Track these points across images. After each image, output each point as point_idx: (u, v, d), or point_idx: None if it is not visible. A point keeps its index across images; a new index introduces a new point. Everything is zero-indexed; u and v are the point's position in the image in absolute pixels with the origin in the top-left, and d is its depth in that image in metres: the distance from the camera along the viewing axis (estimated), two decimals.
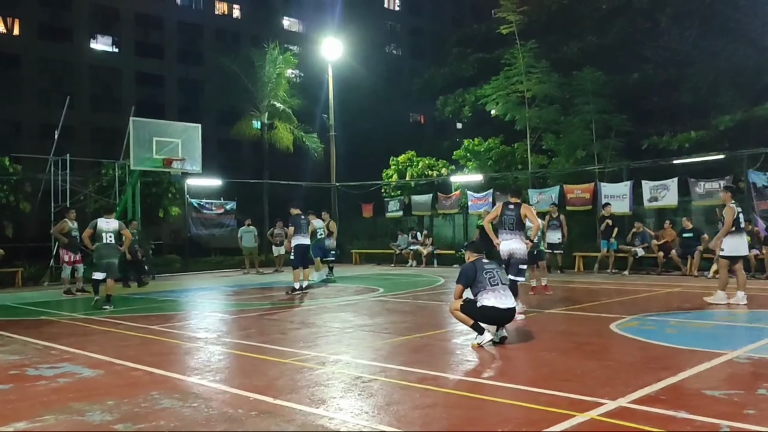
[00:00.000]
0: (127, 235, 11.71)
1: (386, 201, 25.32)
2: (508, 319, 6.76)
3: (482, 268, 6.78)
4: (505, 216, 8.75)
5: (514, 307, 6.78)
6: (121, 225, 11.68)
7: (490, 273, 6.77)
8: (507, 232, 8.72)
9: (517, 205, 8.79)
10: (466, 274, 6.84)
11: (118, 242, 11.39)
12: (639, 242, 16.67)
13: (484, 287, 6.66)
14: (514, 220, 8.67)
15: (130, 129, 16.45)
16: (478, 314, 6.65)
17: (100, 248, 11.22)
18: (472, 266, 6.85)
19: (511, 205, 8.79)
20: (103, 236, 11.20)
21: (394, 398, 4.77)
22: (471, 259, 7.02)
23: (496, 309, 6.59)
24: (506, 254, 8.69)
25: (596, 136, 21.76)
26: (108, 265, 11.24)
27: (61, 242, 14.16)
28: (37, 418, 4.42)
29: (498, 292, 6.64)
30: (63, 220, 14.25)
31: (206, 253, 25.23)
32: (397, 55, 60.51)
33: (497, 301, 6.60)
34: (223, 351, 6.99)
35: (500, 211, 8.84)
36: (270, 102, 28.82)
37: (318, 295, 12.64)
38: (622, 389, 4.76)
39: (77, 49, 44.24)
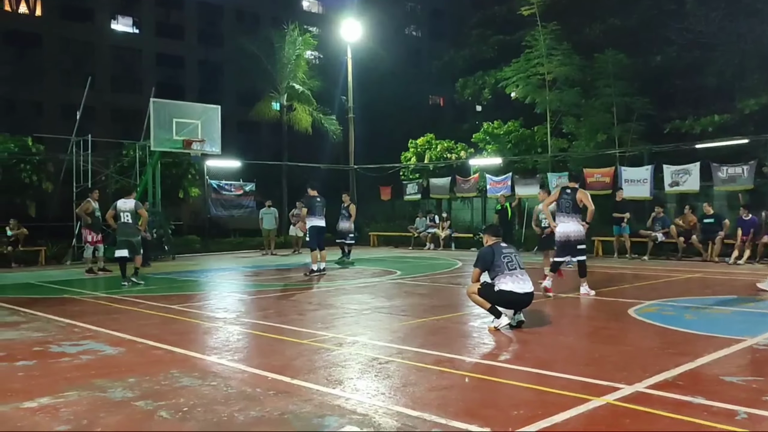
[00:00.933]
0: (142, 214, 11.92)
1: (404, 184, 25.29)
2: (525, 303, 6.75)
3: (500, 252, 6.77)
4: (562, 200, 9.18)
5: (532, 291, 6.76)
6: (138, 205, 11.92)
7: (508, 257, 6.75)
8: (564, 216, 9.15)
9: (573, 189, 9.19)
10: (484, 258, 6.83)
11: (135, 222, 11.69)
12: (659, 227, 16.51)
13: (501, 271, 6.65)
14: (571, 204, 9.09)
15: (151, 110, 16.54)
16: (495, 298, 6.65)
17: (119, 227, 11.71)
18: (489, 250, 6.84)
19: (568, 189, 9.22)
20: (121, 216, 11.63)
21: (410, 380, 4.80)
22: (489, 243, 7.00)
23: (513, 293, 6.59)
24: (564, 237, 9.14)
25: (617, 120, 21.49)
26: (127, 243, 11.62)
27: (85, 222, 14.35)
28: (60, 394, 4.52)
29: (516, 276, 6.63)
30: (87, 199, 14.42)
31: (225, 234, 25.41)
32: (416, 36, 60.01)
33: (515, 285, 6.59)
34: (241, 331, 7.08)
35: (558, 196, 9.29)
36: (289, 83, 28.78)
37: (336, 277, 12.71)
38: (639, 374, 4.75)
39: (98, 30, 44.45)
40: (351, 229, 16.12)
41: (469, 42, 34.44)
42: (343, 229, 15.85)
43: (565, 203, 9.14)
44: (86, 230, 14.39)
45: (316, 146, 32.67)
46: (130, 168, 19.61)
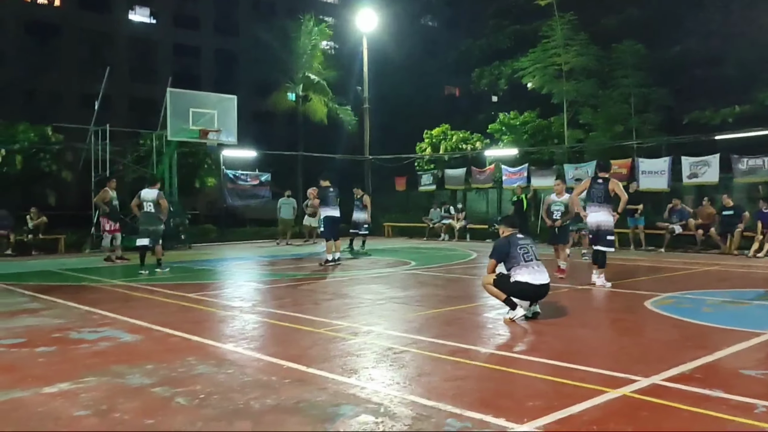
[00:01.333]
0: (162, 204, 12.02)
1: (419, 174, 25.25)
2: (541, 295, 6.73)
3: (516, 244, 6.74)
4: (593, 190, 9.22)
5: (548, 283, 6.74)
6: (159, 194, 12.06)
7: (524, 248, 6.72)
8: (595, 205, 9.19)
9: (605, 180, 9.23)
10: (500, 250, 6.80)
11: (158, 211, 11.89)
12: (677, 219, 16.36)
13: (518, 263, 6.62)
14: (603, 194, 9.12)
15: (167, 100, 16.64)
16: (511, 289, 6.63)
17: (142, 216, 12.00)
18: (506, 241, 6.81)
19: (599, 179, 9.25)
20: (144, 205, 11.90)
21: (425, 370, 4.81)
22: (505, 234, 6.96)
23: (529, 285, 6.56)
24: (594, 226, 9.23)
25: (635, 111, 21.30)
26: (148, 232, 11.90)
27: (103, 210, 14.48)
28: (80, 380, 4.58)
29: (532, 268, 6.61)
30: (104, 189, 14.56)
31: (241, 224, 25.55)
32: (432, 26, 59.68)
33: (531, 276, 6.57)
34: (257, 320, 7.12)
35: (589, 186, 9.33)
36: (305, 74, 28.81)
37: (351, 267, 12.74)
38: (656, 367, 4.72)
39: (116, 20, 44.70)
40: (367, 220, 16.16)
41: (486, 32, 34.22)
42: (358, 219, 15.94)
43: (597, 193, 9.17)
44: (104, 219, 14.54)
45: (332, 136, 32.69)
46: (147, 157, 19.75)
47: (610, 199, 9.15)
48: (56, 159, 19.31)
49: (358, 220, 15.98)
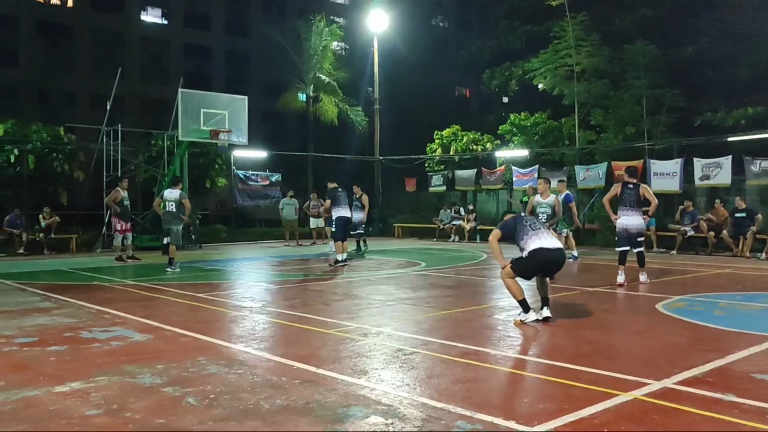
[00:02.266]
0: (185, 204, 12.29)
1: (430, 175, 25.23)
2: (558, 261, 6.72)
3: (521, 220, 6.94)
4: (625, 195, 9.57)
5: (561, 248, 6.78)
6: (182, 195, 12.39)
7: (530, 221, 6.90)
8: (627, 209, 9.55)
9: (635, 185, 9.59)
10: (506, 223, 6.99)
11: (179, 211, 12.23)
12: (688, 221, 16.25)
13: (526, 233, 6.69)
14: (635, 198, 9.49)
15: (179, 100, 16.70)
16: (529, 265, 6.64)
17: (164, 216, 12.40)
18: (511, 219, 7.02)
19: (630, 185, 9.58)
20: (166, 205, 12.31)
21: (435, 371, 4.80)
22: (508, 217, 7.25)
23: (543, 249, 6.56)
24: (622, 228, 9.63)
25: (647, 112, 21.15)
26: (168, 231, 12.34)
27: (114, 210, 14.57)
28: (91, 379, 4.61)
29: (541, 235, 6.67)
30: (115, 189, 14.65)
31: (251, 224, 25.64)
32: (443, 27, 59.68)
33: (542, 241, 6.59)
34: (267, 320, 7.14)
35: (620, 191, 9.64)
36: (315, 74, 28.85)
37: (360, 268, 12.74)
38: (668, 370, 4.69)
39: (128, 21, 44.98)
40: (363, 220, 16.10)
41: (497, 33, 34.14)
42: (357, 220, 15.77)
43: (629, 197, 9.52)
44: (115, 219, 14.63)
45: (342, 137, 32.75)
46: (159, 158, 19.85)
47: (641, 203, 9.59)
48: (69, 159, 19.42)
49: (356, 221, 15.82)
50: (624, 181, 9.81)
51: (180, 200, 12.29)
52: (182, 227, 12.63)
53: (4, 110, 28.95)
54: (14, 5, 40.55)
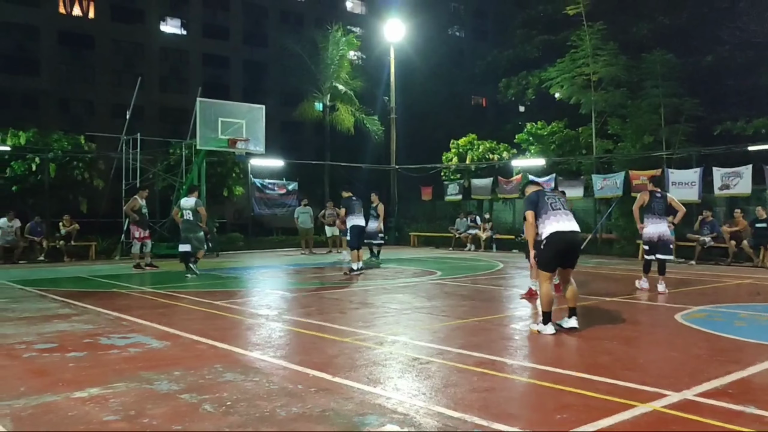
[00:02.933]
0: (201, 211, 12.41)
1: (446, 184, 25.19)
2: (575, 243, 6.72)
3: (544, 195, 6.87)
4: (654, 203, 9.93)
5: (578, 230, 6.75)
6: (198, 202, 12.61)
7: (552, 198, 6.81)
8: (656, 218, 9.89)
9: (663, 194, 10.05)
10: (530, 198, 6.90)
11: (196, 218, 12.48)
12: (707, 231, 16.07)
13: (545, 211, 6.65)
14: (663, 207, 9.91)
15: (197, 109, 16.86)
16: (548, 255, 6.58)
17: (183, 224, 12.68)
18: (534, 194, 6.93)
19: (658, 194, 9.98)
20: (183, 213, 12.57)
21: (451, 381, 4.78)
22: (530, 190, 7.17)
23: (559, 233, 6.53)
24: (655, 236, 9.91)
25: (665, 121, 20.99)
26: (189, 239, 12.54)
27: (132, 219, 14.71)
28: (109, 385, 4.64)
29: (560, 216, 6.62)
30: (134, 197, 14.80)
31: (268, 232, 25.75)
32: (459, 36, 59.79)
33: (559, 224, 6.56)
34: (283, 328, 7.15)
35: (648, 199, 9.97)
36: (332, 84, 29.01)
37: (376, 276, 12.74)
38: (687, 381, 4.64)
39: (148, 31, 45.59)
40: (380, 229, 16.12)
41: (513, 42, 34.16)
42: (372, 229, 15.78)
43: (659, 206, 9.89)
44: (134, 227, 14.76)
45: (358, 146, 32.86)
46: (177, 166, 20.04)
47: (668, 212, 10.02)
48: (89, 167, 19.68)
49: (371, 230, 15.85)
50: (650, 190, 10.11)
51: (195, 208, 12.49)
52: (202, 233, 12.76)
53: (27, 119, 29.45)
54: (37, 16, 41.28)
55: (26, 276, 13.06)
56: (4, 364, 5.41)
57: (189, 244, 12.56)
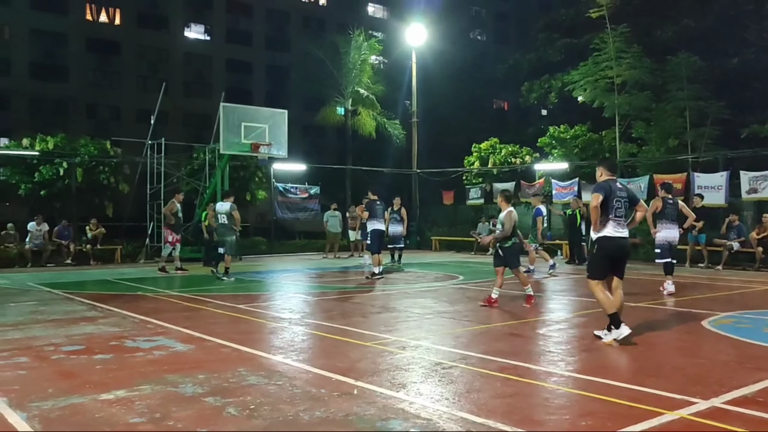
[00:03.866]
0: (235, 215, 12.67)
1: (467, 188, 25.12)
2: (624, 248, 6.47)
3: (615, 194, 6.43)
4: (668, 209, 10.28)
5: (626, 236, 6.49)
6: (232, 207, 12.80)
7: (620, 202, 6.44)
8: (670, 223, 10.24)
9: (674, 200, 10.46)
10: (603, 185, 6.45)
11: (230, 222, 12.67)
12: (735, 236, 15.81)
13: (608, 215, 6.36)
14: (676, 213, 10.34)
15: (221, 114, 17.01)
16: (598, 260, 6.45)
17: (218, 228, 12.99)
18: (606, 185, 6.47)
19: (670, 200, 10.31)
20: (218, 217, 12.86)
21: (474, 386, 4.76)
22: (604, 177, 6.62)
23: (607, 237, 6.34)
24: (668, 241, 10.26)
25: (690, 124, 20.71)
26: (222, 242, 12.86)
27: (168, 221, 14.78)
28: (135, 387, 4.70)
29: (618, 223, 6.39)
30: (172, 200, 14.92)
31: (291, 236, 25.87)
32: (481, 40, 59.66)
33: (613, 230, 6.35)
34: (306, 332, 7.18)
35: (661, 205, 10.28)
36: (354, 88, 29.09)
37: (398, 281, 12.74)
38: (716, 389, 4.57)
39: (172, 37, 46.19)
40: (403, 234, 16.09)
41: (535, 45, 33.98)
42: (396, 233, 15.78)
43: (672, 212, 10.27)
44: (168, 230, 14.83)
45: (380, 150, 32.91)
46: (200, 170, 20.22)
47: (679, 218, 10.48)
48: (114, 172, 19.97)
49: (395, 234, 15.85)
50: (662, 197, 10.42)
51: (230, 212, 12.68)
52: (233, 237, 12.94)
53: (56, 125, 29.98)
54: (65, 24, 42.05)
55: (54, 279, 13.27)
56: (33, 365, 5.51)
57: (223, 247, 12.89)
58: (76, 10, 42.98)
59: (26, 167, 18.97)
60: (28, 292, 10.93)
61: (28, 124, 34.48)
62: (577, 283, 12.43)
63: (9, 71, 40.33)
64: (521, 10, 59.10)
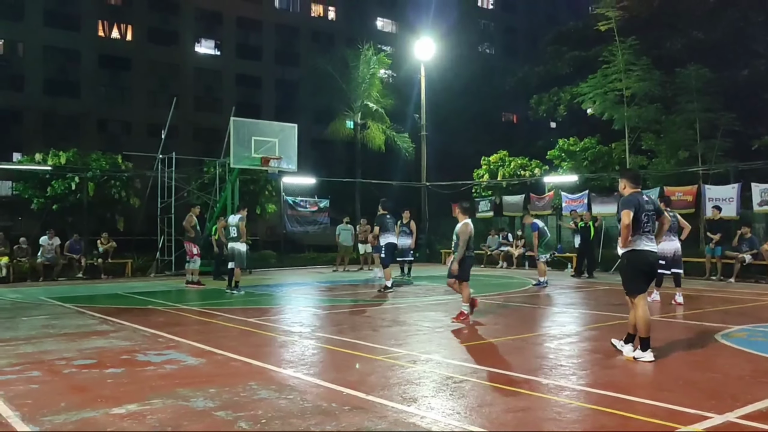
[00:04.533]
0: (241, 227, 12.77)
1: (477, 201, 25.08)
2: (654, 264, 6.36)
3: (643, 208, 6.20)
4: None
5: (656, 251, 6.37)
6: (241, 218, 12.90)
7: (648, 216, 6.23)
8: (669, 234, 10.04)
9: (674, 213, 10.61)
10: (631, 200, 6.19)
11: (239, 234, 12.81)
12: (747, 248, 15.70)
13: (638, 230, 6.17)
14: (675, 226, 10.42)
15: (231, 128, 17.11)
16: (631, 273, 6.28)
17: (229, 240, 13.09)
18: (635, 198, 6.24)
19: (670, 213, 10.10)
20: (230, 230, 12.97)
21: (486, 400, 4.74)
22: (629, 191, 6.36)
23: (645, 252, 6.17)
24: (669, 253, 10.39)
25: (700, 136, 20.63)
26: (233, 255, 12.92)
27: (189, 235, 14.78)
28: (146, 401, 4.71)
29: (648, 237, 6.23)
30: (189, 214, 14.95)
31: (300, 250, 25.90)
32: (490, 53, 59.85)
33: (641, 242, 6.18)
34: (316, 345, 7.17)
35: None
36: (363, 102, 29.20)
37: (408, 294, 12.71)
38: (730, 403, 4.52)
39: (183, 52, 46.62)
40: (412, 247, 16.05)
41: (544, 58, 34.02)
42: (405, 246, 15.71)
43: (672, 225, 10.13)
44: (189, 243, 14.83)
45: (389, 163, 32.95)
46: (211, 184, 20.33)
47: (677, 230, 10.57)
48: (125, 186, 20.10)
49: (404, 246, 15.73)
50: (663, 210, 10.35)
51: (238, 223, 12.80)
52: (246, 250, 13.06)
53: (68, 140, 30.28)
54: (78, 40, 42.56)
55: (65, 293, 13.35)
56: (46, 379, 5.53)
57: (233, 261, 12.96)
58: (89, 26, 43.50)
59: (39, 182, 19.15)
60: (40, 306, 10.99)
61: (41, 140, 34.86)
62: (588, 296, 12.37)
63: (22, 87, 40.81)
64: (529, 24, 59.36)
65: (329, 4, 53.50)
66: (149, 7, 45.23)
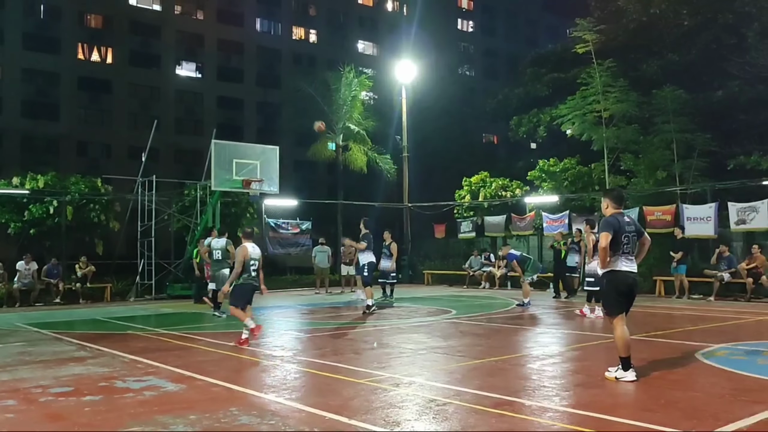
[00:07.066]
0: (230, 250, 12.59)
1: (459, 222, 25.19)
2: (633, 285, 6.27)
3: (623, 229, 6.16)
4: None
5: (636, 272, 6.30)
6: (228, 242, 12.91)
7: (628, 237, 6.18)
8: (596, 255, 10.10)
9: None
10: (611, 222, 6.16)
11: (225, 257, 12.72)
12: (725, 267, 15.89)
13: (617, 252, 6.12)
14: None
15: (212, 151, 17.06)
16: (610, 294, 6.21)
17: (213, 264, 13.02)
18: (615, 220, 6.20)
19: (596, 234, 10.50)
20: (214, 253, 12.89)
21: (469, 422, 4.72)
22: (611, 211, 6.34)
23: (624, 273, 6.12)
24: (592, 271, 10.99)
25: (678, 156, 20.96)
26: (215, 278, 12.82)
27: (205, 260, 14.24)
28: (125, 429, 4.63)
29: (628, 258, 6.19)
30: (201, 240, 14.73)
31: (282, 272, 25.74)
32: (470, 76, 60.57)
33: (625, 265, 6.15)
34: (298, 369, 7.11)
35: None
36: (345, 124, 29.30)
37: (391, 316, 12.67)
38: (711, 422, 4.54)
39: (164, 75, 46.58)
40: (393, 269, 15.88)
41: (524, 80, 34.46)
42: (386, 268, 15.55)
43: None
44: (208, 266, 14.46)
45: (371, 184, 33.03)
46: (192, 207, 20.18)
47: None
48: (105, 209, 19.87)
49: (385, 269, 15.59)
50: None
51: (225, 247, 12.76)
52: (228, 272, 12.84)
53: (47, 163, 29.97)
54: (58, 63, 42.37)
55: (42, 318, 13.11)
56: (21, 408, 5.41)
57: (215, 283, 12.81)
58: (69, 49, 43.33)
59: (16, 206, 18.83)
60: (15, 333, 10.78)
61: (19, 163, 34.44)
62: (567, 316, 12.41)
63: (1, 110, 40.44)
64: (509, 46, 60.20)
65: (311, 27, 53.90)
66: (130, 30, 45.22)
